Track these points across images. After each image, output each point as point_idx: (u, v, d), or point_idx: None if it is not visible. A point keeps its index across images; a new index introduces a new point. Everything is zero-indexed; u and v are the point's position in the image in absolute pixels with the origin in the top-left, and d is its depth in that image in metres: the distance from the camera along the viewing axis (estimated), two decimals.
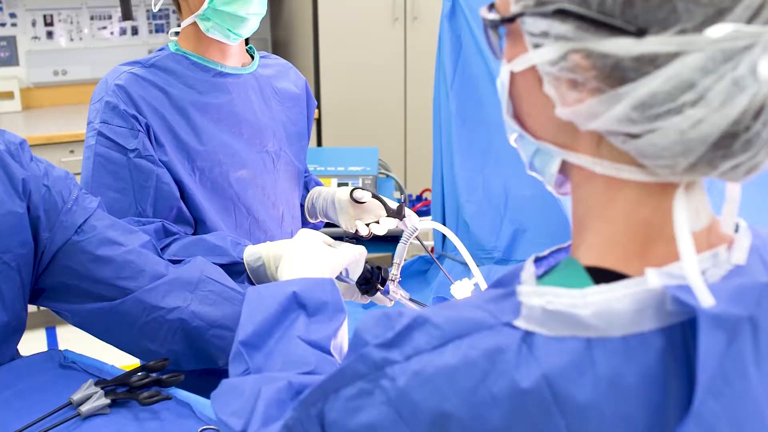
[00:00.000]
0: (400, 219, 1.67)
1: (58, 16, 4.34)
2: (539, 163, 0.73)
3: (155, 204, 1.51)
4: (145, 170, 1.51)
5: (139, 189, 1.50)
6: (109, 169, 1.51)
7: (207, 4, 1.55)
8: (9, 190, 1.32)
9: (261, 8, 1.60)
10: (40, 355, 1.44)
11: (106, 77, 1.57)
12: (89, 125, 1.55)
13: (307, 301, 1.06)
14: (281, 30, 4.53)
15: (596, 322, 0.63)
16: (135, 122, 1.52)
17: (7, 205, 1.31)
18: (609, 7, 0.61)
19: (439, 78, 2.48)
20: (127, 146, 1.51)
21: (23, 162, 1.36)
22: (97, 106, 1.54)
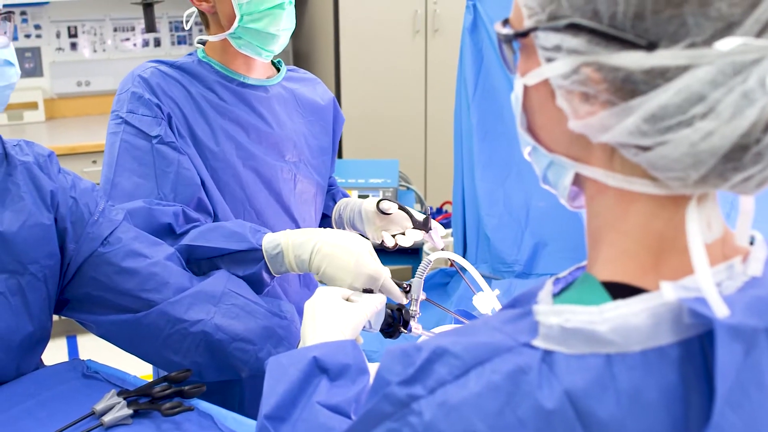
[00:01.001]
0: (426, 231, 1.67)
1: (82, 27, 4.38)
2: (553, 176, 0.74)
3: (176, 189, 1.52)
4: (167, 156, 1.53)
5: (161, 174, 1.52)
6: (134, 155, 1.52)
7: (237, 23, 1.57)
8: (37, 201, 1.34)
9: (290, 23, 1.61)
10: (63, 364, 1.45)
11: (133, 71, 1.61)
12: (113, 114, 1.58)
13: (329, 365, 1.05)
14: (302, 41, 4.55)
15: (614, 337, 0.63)
16: (158, 110, 1.55)
17: (36, 216, 1.33)
18: (620, 21, 0.61)
19: (460, 90, 2.48)
20: (151, 133, 1.53)
21: (51, 174, 1.38)
22: (123, 96, 1.57)
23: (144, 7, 2.83)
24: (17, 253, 1.31)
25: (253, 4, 1.55)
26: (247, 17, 1.56)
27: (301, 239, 1.43)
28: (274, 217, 1.68)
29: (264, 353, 1.40)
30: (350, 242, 1.39)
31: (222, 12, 1.59)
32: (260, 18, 1.56)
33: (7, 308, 1.30)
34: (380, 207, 1.71)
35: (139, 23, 4.46)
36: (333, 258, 1.38)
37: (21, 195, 1.33)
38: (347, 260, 1.37)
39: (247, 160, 1.63)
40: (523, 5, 0.69)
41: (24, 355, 1.36)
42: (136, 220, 1.46)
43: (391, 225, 1.72)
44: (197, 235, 1.48)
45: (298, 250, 1.43)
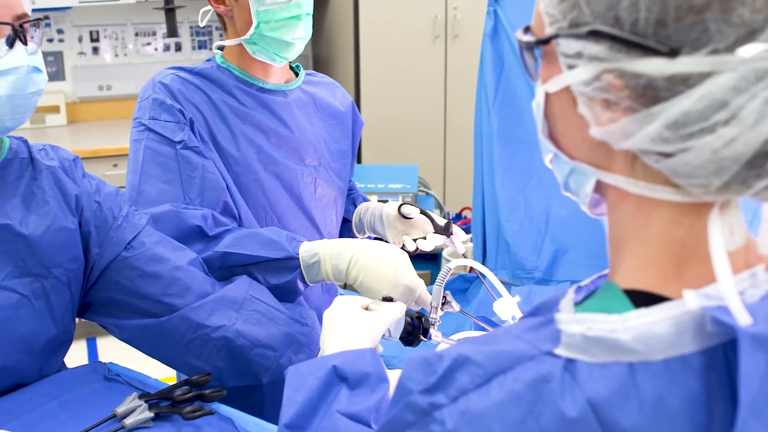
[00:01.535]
0: (447, 236, 1.67)
1: (104, 32, 4.42)
2: (574, 183, 0.74)
3: (202, 194, 1.53)
4: (192, 161, 1.53)
5: (187, 179, 1.52)
6: (158, 161, 1.53)
7: (253, 30, 1.57)
8: (62, 205, 1.35)
9: (307, 33, 1.62)
10: (85, 367, 1.46)
11: (153, 77, 1.61)
12: (135, 121, 1.58)
13: (349, 374, 1.05)
14: (322, 46, 4.57)
15: (637, 346, 0.63)
16: (180, 116, 1.55)
17: (60, 220, 1.34)
18: (642, 27, 0.61)
19: (480, 96, 2.48)
20: (174, 138, 1.54)
21: (76, 178, 1.39)
22: (144, 103, 1.58)
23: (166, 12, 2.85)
24: (42, 257, 1.32)
25: (270, 12, 1.56)
26: (264, 25, 1.57)
27: (339, 249, 1.44)
28: (295, 222, 1.69)
29: (285, 359, 1.40)
30: (388, 253, 1.42)
31: (239, 17, 1.60)
32: (277, 27, 1.57)
33: (31, 311, 1.31)
34: (402, 211, 1.71)
35: (160, 28, 4.49)
36: (371, 269, 1.40)
37: (46, 199, 1.34)
38: (385, 271, 1.39)
39: (268, 164, 1.63)
40: (545, 13, 0.69)
41: (47, 358, 1.37)
42: (164, 224, 1.47)
43: (412, 229, 1.72)
44: (233, 242, 1.48)
45: (336, 259, 1.44)
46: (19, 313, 1.30)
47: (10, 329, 1.29)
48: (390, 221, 1.75)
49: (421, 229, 1.71)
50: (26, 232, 1.30)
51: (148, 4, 3.93)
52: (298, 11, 1.57)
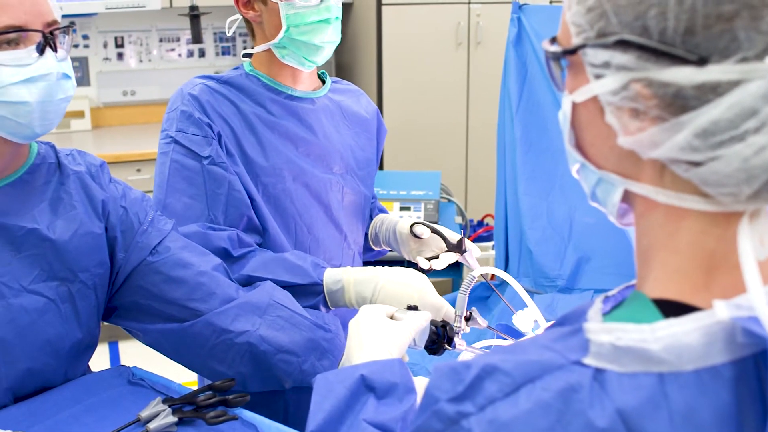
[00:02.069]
0: (460, 253, 1.67)
1: (129, 38, 4.45)
2: (601, 193, 0.73)
3: (227, 211, 1.54)
4: (218, 177, 1.54)
5: (212, 195, 1.53)
6: (184, 175, 1.54)
7: (283, 33, 1.58)
8: (89, 210, 1.36)
9: (336, 37, 1.62)
10: (110, 371, 1.47)
11: (182, 88, 1.61)
12: (163, 133, 1.59)
13: (376, 384, 1.05)
14: (345, 53, 4.58)
15: (667, 356, 0.63)
16: (209, 130, 1.55)
17: (87, 225, 1.35)
18: (670, 36, 0.61)
19: (504, 103, 2.48)
20: (201, 153, 1.54)
21: (103, 183, 1.40)
22: (173, 115, 1.58)
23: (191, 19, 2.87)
24: (68, 261, 1.33)
25: (300, 15, 1.56)
26: (294, 28, 1.57)
27: (363, 276, 1.47)
28: (324, 231, 1.69)
29: (308, 365, 1.40)
30: (412, 279, 1.45)
31: (268, 22, 1.60)
32: (306, 30, 1.57)
33: (57, 315, 1.32)
34: (413, 231, 1.72)
35: (184, 34, 4.52)
36: (397, 295, 1.44)
37: (73, 204, 1.35)
38: (411, 295, 1.43)
39: (297, 174, 1.64)
40: (571, 23, 0.69)
41: (72, 361, 1.38)
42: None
43: (425, 248, 1.73)
44: (259, 266, 1.50)
45: (360, 286, 1.47)
46: (45, 316, 1.31)
47: (36, 332, 1.30)
48: (403, 239, 1.77)
49: (435, 247, 1.71)
50: (53, 236, 1.31)
51: (173, 10, 3.95)
52: (328, 15, 1.58)
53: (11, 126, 1.23)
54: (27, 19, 1.20)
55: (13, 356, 1.28)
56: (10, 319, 1.27)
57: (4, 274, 1.27)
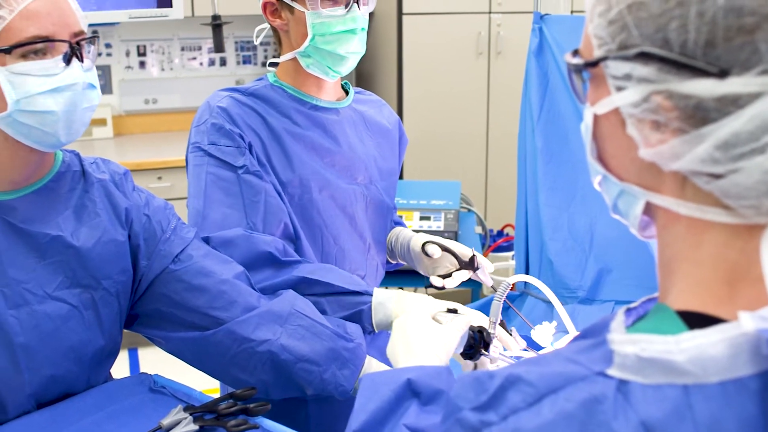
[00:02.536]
0: (473, 270, 1.66)
1: (151, 46, 4.48)
2: (623, 205, 0.74)
3: (265, 218, 1.55)
4: (254, 185, 1.55)
5: (249, 204, 1.54)
6: (220, 186, 1.55)
7: (308, 42, 1.59)
8: (112, 218, 1.38)
9: (361, 47, 1.63)
10: (131, 378, 1.48)
11: (208, 101, 1.62)
12: (193, 146, 1.59)
13: (422, 389, 1.06)
14: (366, 62, 4.58)
15: (692, 368, 0.62)
16: (240, 140, 1.56)
17: (110, 233, 1.36)
18: (691, 49, 0.61)
19: (525, 114, 2.47)
20: (236, 163, 1.55)
21: (126, 192, 1.42)
22: (203, 128, 1.59)
23: (213, 28, 2.88)
24: (92, 269, 1.34)
25: (326, 25, 1.57)
26: (319, 37, 1.58)
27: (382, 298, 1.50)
28: (349, 241, 1.70)
29: (329, 375, 1.41)
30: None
31: (295, 30, 1.62)
32: (332, 40, 1.58)
33: (80, 322, 1.33)
34: (425, 250, 1.73)
35: (206, 43, 4.55)
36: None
37: (97, 212, 1.36)
38: None
39: (323, 184, 1.65)
40: (593, 35, 0.69)
41: (95, 368, 1.39)
42: (234, 248, 1.49)
43: (438, 265, 1.74)
44: (312, 270, 1.52)
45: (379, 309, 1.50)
46: (69, 323, 1.32)
47: (60, 339, 1.31)
48: (417, 257, 1.79)
49: (448, 264, 1.72)
50: (77, 243, 1.32)
51: (195, 19, 3.98)
52: (353, 25, 1.59)
53: (37, 135, 1.24)
54: (54, 30, 1.22)
55: (36, 362, 1.29)
56: (34, 325, 1.28)
57: (28, 281, 1.28)
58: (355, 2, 1.58)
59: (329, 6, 1.57)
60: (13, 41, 1.19)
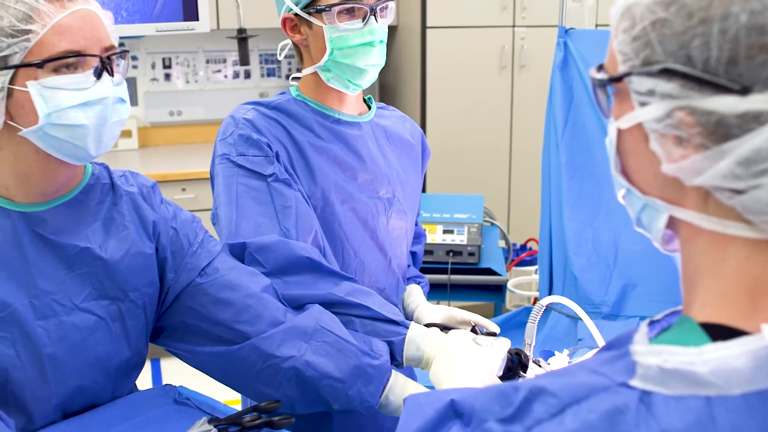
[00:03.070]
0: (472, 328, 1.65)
1: (176, 59, 4.53)
2: (647, 218, 0.74)
3: (297, 224, 1.54)
4: (285, 193, 1.55)
5: (281, 210, 1.54)
6: (252, 195, 1.55)
7: (327, 56, 1.60)
8: (140, 231, 1.39)
9: (380, 60, 1.63)
10: (156, 389, 1.49)
11: (232, 114, 1.63)
12: (221, 158, 1.59)
13: (465, 410, 1.06)
14: (389, 75, 4.60)
15: (715, 379, 0.63)
16: (268, 149, 1.57)
17: (138, 245, 1.37)
18: (713, 66, 0.62)
19: (549, 128, 2.47)
20: (265, 172, 1.55)
21: (154, 204, 1.43)
22: (229, 140, 1.59)
23: (239, 42, 2.90)
24: (119, 281, 1.35)
25: (344, 39, 1.58)
26: (338, 51, 1.59)
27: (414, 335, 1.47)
28: (370, 255, 1.70)
29: (354, 391, 1.40)
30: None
31: (314, 45, 1.63)
32: (350, 53, 1.59)
33: (107, 333, 1.34)
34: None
35: (231, 55, 4.58)
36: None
37: (125, 224, 1.37)
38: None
39: (344, 198, 1.65)
40: (618, 51, 0.70)
41: (120, 379, 1.40)
42: (272, 253, 1.49)
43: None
44: (351, 291, 1.51)
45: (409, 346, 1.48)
46: (96, 334, 1.33)
47: (87, 350, 1.32)
48: None
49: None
50: (105, 255, 1.34)
51: (221, 32, 4.01)
52: (371, 38, 1.59)
53: (68, 148, 1.26)
54: (85, 44, 1.23)
55: (63, 373, 1.30)
56: (62, 336, 1.29)
57: (57, 292, 1.30)
58: (372, 15, 1.59)
59: (346, 20, 1.58)
60: (45, 56, 1.21)
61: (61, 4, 1.22)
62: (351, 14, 1.58)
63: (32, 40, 1.20)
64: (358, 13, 1.58)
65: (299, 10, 1.60)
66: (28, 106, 1.22)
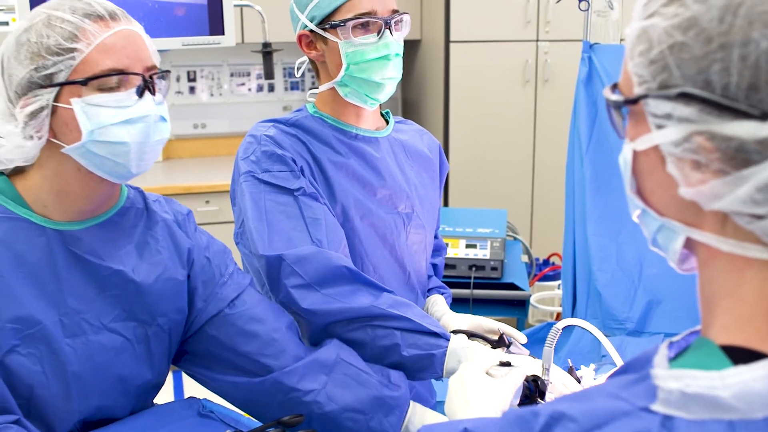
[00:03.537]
0: (506, 347, 1.64)
1: (201, 72, 4.56)
2: (663, 239, 0.73)
3: (328, 234, 1.55)
4: (312, 206, 1.56)
5: (311, 222, 1.54)
6: (281, 210, 1.55)
7: (344, 71, 1.61)
8: (174, 257, 1.40)
9: (397, 73, 1.64)
10: (181, 402, 1.49)
11: (252, 133, 1.64)
12: (247, 175, 1.58)
13: None
14: (412, 89, 4.61)
15: (737, 403, 0.62)
16: (293, 164, 1.58)
17: (171, 271, 1.39)
18: (733, 91, 0.61)
19: (573, 142, 2.46)
20: (292, 187, 1.56)
21: (189, 232, 1.45)
22: (253, 158, 1.59)
23: (264, 56, 2.92)
24: (149, 305, 1.36)
25: (359, 53, 1.59)
26: (354, 66, 1.60)
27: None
28: (389, 270, 1.70)
29: (375, 422, 1.42)
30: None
31: (330, 60, 1.64)
32: (366, 67, 1.60)
33: (132, 355, 1.35)
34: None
35: (255, 69, 4.61)
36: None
37: (159, 249, 1.39)
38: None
39: (364, 213, 1.65)
40: (634, 73, 0.69)
41: (140, 400, 1.41)
42: (310, 264, 1.49)
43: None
44: (392, 303, 1.51)
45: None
46: (121, 355, 1.34)
47: (111, 370, 1.33)
48: None
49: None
50: (138, 279, 1.35)
51: (245, 46, 4.04)
52: (387, 51, 1.60)
53: (109, 165, 1.27)
54: (129, 64, 1.25)
55: (86, 392, 1.31)
56: (89, 355, 1.30)
57: (86, 311, 1.30)
58: (386, 28, 1.59)
59: (361, 34, 1.59)
60: (89, 74, 1.23)
61: (105, 24, 1.24)
62: (366, 29, 1.59)
63: (77, 58, 1.22)
64: (372, 27, 1.59)
65: (314, 27, 1.61)
66: (72, 123, 1.24)
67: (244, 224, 1.56)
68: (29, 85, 1.23)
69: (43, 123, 1.24)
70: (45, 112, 1.23)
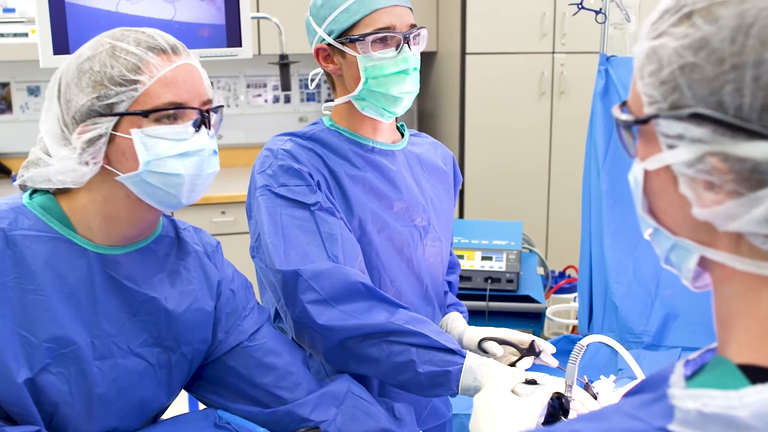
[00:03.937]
0: (535, 356, 1.63)
1: (218, 83, 4.59)
2: (676, 258, 0.73)
3: (344, 250, 1.55)
4: (329, 221, 1.56)
5: (328, 238, 1.55)
6: (297, 225, 1.55)
7: (362, 86, 1.61)
8: (204, 288, 1.42)
9: (414, 87, 1.64)
10: (198, 413, 1.50)
11: (268, 147, 1.64)
12: (264, 189, 1.59)
13: None
14: (428, 101, 4.62)
15: (756, 423, 0.61)
16: (310, 178, 1.58)
17: (201, 302, 1.41)
18: (746, 112, 0.61)
19: (590, 155, 2.46)
20: (308, 201, 1.56)
21: (218, 264, 1.47)
22: (269, 171, 1.59)
23: (281, 67, 2.93)
24: (176, 333, 1.38)
25: (378, 67, 1.59)
26: (372, 80, 1.60)
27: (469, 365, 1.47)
28: (406, 283, 1.70)
29: None
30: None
31: (348, 74, 1.64)
32: (385, 82, 1.60)
33: (153, 380, 1.36)
34: (483, 347, 1.67)
35: (271, 80, 4.63)
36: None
37: (190, 279, 1.40)
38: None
39: (381, 227, 1.65)
40: (644, 93, 0.69)
41: (148, 420, 1.42)
42: (327, 279, 1.49)
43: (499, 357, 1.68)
44: (408, 320, 1.51)
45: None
46: (144, 380, 1.35)
47: (133, 394, 1.34)
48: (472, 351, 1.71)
49: (509, 354, 1.67)
50: (170, 307, 1.36)
51: (262, 58, 4.06)
52: (405, 66, 1.60)
53: (161, 195, 1.28)
54: (187, 98, 1.27)
55: (107, 413, 1.32)
56: (114, 378, 1.31)
57: (116, 335, 1.32)
58: (405, 43, 1.59)
59: (380, 48, 1.59)
60: (150, 105, 1.24)
61: (168, 58, 1.26)
62: (384, 43, 1.59)
63: (139, 89, 1.23)
64: (391, 41, 1.59)
65: (332, 41, 1.61)
66: (129, 152, 1.25)
67: (261, 238, 1.56)
68: (89, 112, 1.24)
69: (99, 150, 1.25)
70: (103, 140, 1.24)
